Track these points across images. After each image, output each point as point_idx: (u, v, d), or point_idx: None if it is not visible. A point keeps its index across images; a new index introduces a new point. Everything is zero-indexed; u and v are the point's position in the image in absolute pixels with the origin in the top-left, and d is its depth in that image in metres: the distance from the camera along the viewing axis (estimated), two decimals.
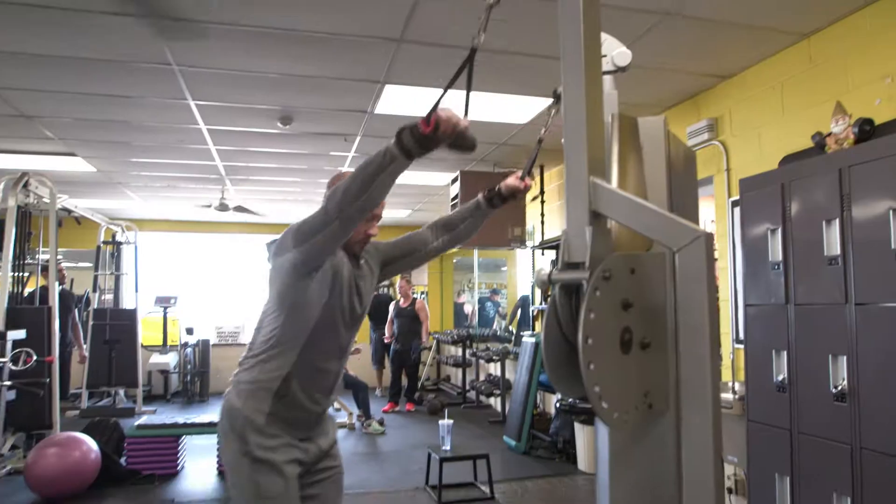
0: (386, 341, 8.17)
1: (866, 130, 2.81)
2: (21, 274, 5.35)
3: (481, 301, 9.52)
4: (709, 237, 1.10)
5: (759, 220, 3.00)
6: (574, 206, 1.19)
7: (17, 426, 4.91)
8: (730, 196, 3.91)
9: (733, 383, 3.63)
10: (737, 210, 3.57)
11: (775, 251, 2.90)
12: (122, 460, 4.76)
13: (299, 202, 8.07)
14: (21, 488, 4.29)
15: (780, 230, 2.87)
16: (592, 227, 1.17)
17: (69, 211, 6.84)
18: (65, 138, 5.20)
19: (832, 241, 2.61)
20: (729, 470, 3.66)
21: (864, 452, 2.43)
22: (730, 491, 3.70)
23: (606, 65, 1.52)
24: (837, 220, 2.57)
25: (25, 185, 5.13)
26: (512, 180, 1.95)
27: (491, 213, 2.04)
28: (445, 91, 1.39)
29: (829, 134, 2.96)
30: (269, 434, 1.81)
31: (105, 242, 8.04)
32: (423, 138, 1.43)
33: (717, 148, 4.03)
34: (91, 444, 4.39)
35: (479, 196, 2.03)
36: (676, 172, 1.44)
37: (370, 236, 1.95)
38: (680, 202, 1.39)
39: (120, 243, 8.25)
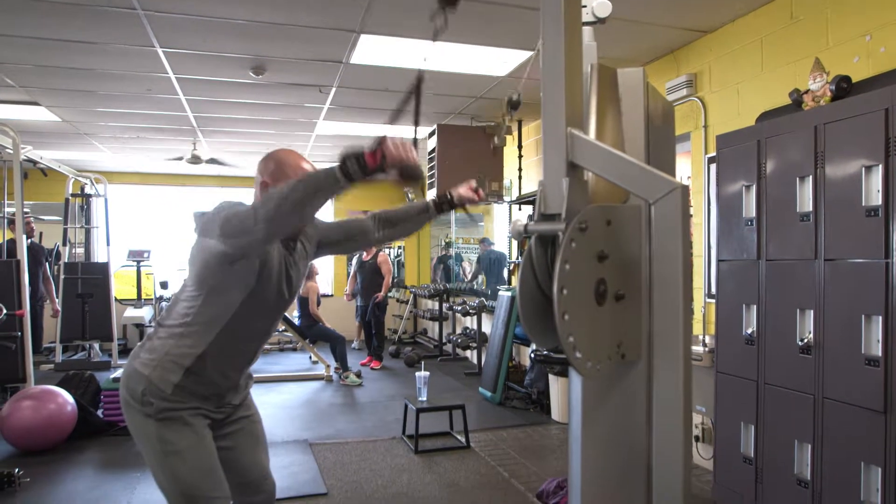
0: (346, 299, 8.16)
1: (843, 88, 2.81)
2: None
3: (442, 258, 9.61)
4: (685, 189, 1.10)
5: (734, 176, 3.02)
6: (551, 158, 1.18)
7: None
8: (706, 152, 3.93)
9: (704, 336, 3.72)
10: (713, 166, 3.59)
11: (749, 207, 2.93)
12: (99, 413, 4.76)
13: None
14: None
15: (754, 187, 2.90)
16: (569, 178, 1.16)
17: (34, 162, 6.63)
18: (26, 86, 5.00)
19: (805, 197, 2.64)
20: (697, 419, 3.79)
21: (825, 402, 2.53)
22: (697, 439, 3.84)
23: (586, 16, 1.49)
24: (811, 178, 2.60)
25: None
26: (465, 190, 1.97)
27: (437, 217, 2.07)
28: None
29: (807, 91, 2.96)
30: (175, 400, 1.75)
31: (73, 195, 7.83)
32: (368, 168, 1.40)
33: (696, 104, 4.02)
34: (66, 396, 4.37)
35: (429, 199, 2.05)
36: (654, 125, 1.43)
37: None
38: (657, 155, 1.39)
39: (89, 196, 8.05)
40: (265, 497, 2.01)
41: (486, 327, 7.08)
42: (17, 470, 3.57)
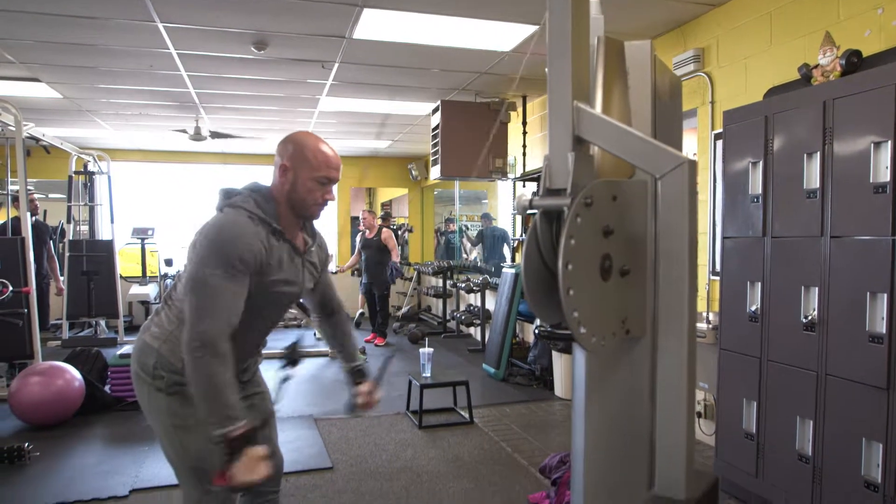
0: (335, 271, 8.24)
1: (854, 62, 2.77)
2: None
3: (445, 233, 9.62)
4: (692, 164, 1.09)
5: (741, 152, 2.99)
6: (557, 132, 1.17)
7: None
8: (713, 128, 3.89)
9: (707, 313, 3.72)
10: (719, 143, 3.56)
11: (755, 184, 2.91)
12: (106, 388, 4.81)
13: (276, 131, 7.88)
14: (7, 416, 4.34)
15: (761, 163, 2.87)
16: (575, 152, 1.15)
17: (37, 140, 6.61)
18: (27, 62, 4.96)
19: (812, 174, 2.62)
20: (699, 395, 3.81)
21: (828, 378, 2.53)
22: (699, 415, 3.86)
23: None
24: (819, 154, 2.58)
25: None
26: (365, 392, 2.05)
27: (347, 369, 2.13)
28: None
29: (816, 66, 2.92)
30: (184, 374, 1.72)
31: (77, 172, 7.82)
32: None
33: (703, 79, 3.97)
34: (74, 372, 4.41)
35: (354, 364, 2.12)
36: (662, 99, 1.41)
37: (327, 201, 1.85)
38: (664, 129, 1.37)
39: (92, 173, 8.04)
40: (273, 472, 2.03)
41: (490, 304, 7.10)
42: (26, 444, 3.62)
